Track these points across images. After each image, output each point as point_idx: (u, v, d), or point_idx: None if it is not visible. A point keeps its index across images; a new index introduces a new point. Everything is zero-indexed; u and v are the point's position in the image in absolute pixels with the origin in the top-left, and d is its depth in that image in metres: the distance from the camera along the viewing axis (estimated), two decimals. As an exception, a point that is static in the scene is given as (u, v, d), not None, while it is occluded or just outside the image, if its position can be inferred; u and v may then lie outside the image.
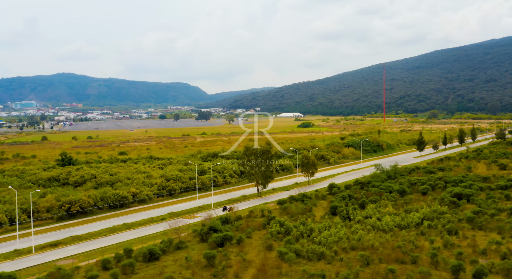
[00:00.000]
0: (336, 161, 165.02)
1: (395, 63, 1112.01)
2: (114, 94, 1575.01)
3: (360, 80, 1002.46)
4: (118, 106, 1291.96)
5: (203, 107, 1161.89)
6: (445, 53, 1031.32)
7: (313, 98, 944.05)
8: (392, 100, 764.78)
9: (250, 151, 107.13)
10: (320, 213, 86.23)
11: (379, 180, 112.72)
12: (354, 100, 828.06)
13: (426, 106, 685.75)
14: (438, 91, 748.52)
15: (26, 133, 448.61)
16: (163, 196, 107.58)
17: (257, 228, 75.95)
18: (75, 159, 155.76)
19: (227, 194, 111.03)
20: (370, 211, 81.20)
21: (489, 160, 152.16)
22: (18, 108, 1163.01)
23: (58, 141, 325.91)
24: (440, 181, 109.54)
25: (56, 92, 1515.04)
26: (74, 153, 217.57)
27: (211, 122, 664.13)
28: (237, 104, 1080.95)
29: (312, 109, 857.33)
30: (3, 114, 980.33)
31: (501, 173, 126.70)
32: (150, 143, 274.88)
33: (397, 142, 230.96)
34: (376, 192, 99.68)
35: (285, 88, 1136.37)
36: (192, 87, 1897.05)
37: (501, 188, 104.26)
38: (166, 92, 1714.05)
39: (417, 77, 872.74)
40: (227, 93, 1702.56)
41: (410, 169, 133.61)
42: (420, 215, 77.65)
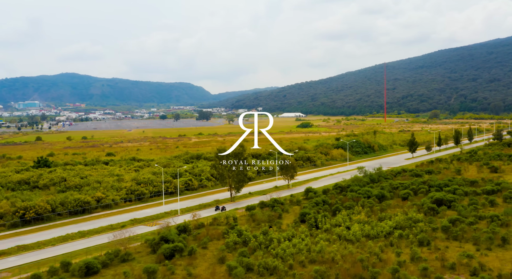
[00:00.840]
0: (323, 163, 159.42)
1: (398, 62, 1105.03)
2: (117, 94, 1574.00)
3: (363, 80, 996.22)
4: (121, 106, 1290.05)
5: (205, 107, 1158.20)
6: (449, 53, 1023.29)
7: (315, 98, 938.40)
8: (395, 100, 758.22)
9: (222, 153, 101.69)
10: (290, 220, 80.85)
11: (360, 184, 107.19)
12: (356, 100, 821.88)
13: (429, 106, 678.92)
14: (441, 91, 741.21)
15: (23, 133, 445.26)
16: (131, 201, 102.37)
17: (217, 238, 70.67)
18: (51, 161, 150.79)
19: (199, 199, 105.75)
20: (340, 219, 75.79)
21: (481, 162, 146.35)
22: (21, 108, 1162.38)
23: (52, 141, 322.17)
24: (423, 185, 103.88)
25: (60, 92, 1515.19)
26: (62, 154, 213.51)
27: (212, 122, 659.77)
28: (239, 104, 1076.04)
29: (314, 109, 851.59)
30: (6, 114, 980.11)
31: (491, 176, 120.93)
32: (143, 144, 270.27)
33: (392, 143, 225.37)
34: (353, 197, 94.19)
35: (288, 88, 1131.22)
36: (196, 87, 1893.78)
37: (487, 193, 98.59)
38: (169, 92, 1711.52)
39: (420, 77, 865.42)
40: (230, 93, 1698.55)
41: (396, 172, 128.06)
42: (393, 223, 72.16)
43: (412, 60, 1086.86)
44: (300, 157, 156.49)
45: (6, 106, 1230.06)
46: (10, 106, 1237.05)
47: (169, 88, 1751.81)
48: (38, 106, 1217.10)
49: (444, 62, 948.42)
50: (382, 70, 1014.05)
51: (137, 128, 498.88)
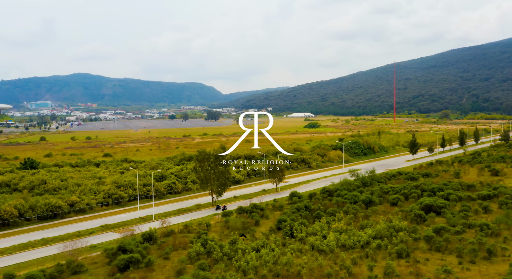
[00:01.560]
0: (319, 165, 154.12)
1: (410, 62, 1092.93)
2: (128, 94, 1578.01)
3: (374, 79, 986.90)
4: (132, 106, 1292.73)
5: (216, 107, 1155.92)
6: (461, 52, 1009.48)
7: (325, 98, 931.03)
8: (405, 100, 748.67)
9: (203, 156, 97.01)
10: (267, 227, 75.95)
11: (350, 188, 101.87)
12: (366, 100, 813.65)
13: (440, 106, 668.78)
14: (453, 91, 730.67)
15: (29, 133, 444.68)
16: (107, 205, 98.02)
17: (183, 247, 66.03)
18: (38, 162, 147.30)
19: (180, 203, 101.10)
20: (318, 227, 70.74)
21: (483, 164, 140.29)
22: (33, 108, 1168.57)
23: (55, 141, 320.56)
24: (415, 190, 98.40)
25: (72, 92, 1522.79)
26: (60, 154, 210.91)
27: (220, 122, 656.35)
28: (249, 104, 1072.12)
29: (323, 109, 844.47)
30: (17, 114, 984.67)
31: (491, 180, 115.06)
32: (145, 144, 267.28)
33: (395, 144, 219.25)
34: (339, 202, 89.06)
35: (298, 88, 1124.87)
36: (207, 87, 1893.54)
37: (483, 198, 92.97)
38: (180, 92, 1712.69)
39: (432, 77, 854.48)
40: (241, 93, 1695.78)
41: (391, 175, 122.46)
42: (372, 232, 67.00)
43: (424, 60, 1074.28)
44: (295, 158, 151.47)
45: (18, 106, 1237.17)
46: (23, 106, 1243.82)
47: (181, 88, 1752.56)
48: (50, 106, 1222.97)
49: (456, 61, 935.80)
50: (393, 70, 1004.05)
51: (144, 128, 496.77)
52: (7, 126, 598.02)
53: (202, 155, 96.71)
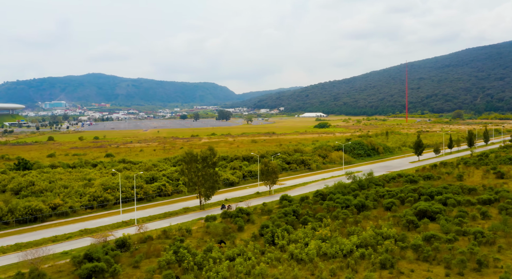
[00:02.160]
0: (319, 167, 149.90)
1: (424, 61, 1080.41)
2: (142, 94, 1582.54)
3: (387, 79, 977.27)
4: (145, 106, 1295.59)
5: (229, 107, 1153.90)
6: (476, 51, 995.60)
7: (337, 97, 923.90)
8: (418, 99, 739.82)
9: (190, 157, 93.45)
10: (251, 233, 72.17)
11: (344, 192, 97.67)
12: (379, 100, 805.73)
13: (453, 105, 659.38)
14: (467, 91, 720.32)
15: (39, 133, 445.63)
16: (92, 208, 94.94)
17: (156, 254, 62.61)
18: (33, 163, 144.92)
19: (167, 206, 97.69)
20: (301, 234, 66.86)
21: (489, 166, 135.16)
22: (47, 108, 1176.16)
23: (62, 141, 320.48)
24: (413, 193, 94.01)
25: (86, 92, 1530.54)
26: (64, 154, 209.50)
27: (231, 122, 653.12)
28: (261, 104, 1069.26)
29: (336, 109, 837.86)
30: (31, 114, 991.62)
31: (495, 183, 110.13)
32: (151, 144, 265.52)
33: (402, 144, 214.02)
34: (329, 207, 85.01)
35: (310, 87, 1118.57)
36: (220, 87, 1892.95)
37: (484, 202, 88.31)
38: (193, 92, 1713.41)
39: (446, 76, 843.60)
40: (254, 92, 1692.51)
41: (390, 178, 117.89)
42: (357, 240, 62.98)
43: (439, 59, 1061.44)
44: (294, 160, 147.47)
45: (33, 106, 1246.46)
46: (37, 106, 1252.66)
47: (194, 88, 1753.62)
48: (64, 106, 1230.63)
49: (471, 61, 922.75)
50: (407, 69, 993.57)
51: (154, 128, 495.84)
52: (19, 126, 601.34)
53: (189, 156, 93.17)
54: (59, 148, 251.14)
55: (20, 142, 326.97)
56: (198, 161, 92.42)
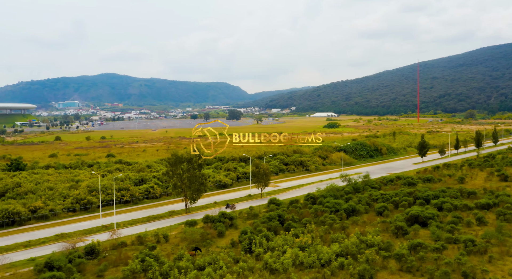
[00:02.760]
0: (318, 168, 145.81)
1: (438, 61, 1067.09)
2: (154, 94, 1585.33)
3: (400, 78, 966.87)
4: (158, 106, 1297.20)
5: (240, 106, 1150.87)
6: (491, 50, 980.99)
7: (349, 97, 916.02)
8: (431, 99, 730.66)
9: (175, 159, 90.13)
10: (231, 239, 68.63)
11: (337, 195, 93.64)
12: (391, 100, 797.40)
13: (467, 105, 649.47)
14: (481, 90, 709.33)
15: (48, 133, 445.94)
16: (74, 211, 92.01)
17: (125, 262, 59.26)
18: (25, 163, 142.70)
19: (153, 209, 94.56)
20: (280, 241, 63.11)
21: (494, 168, 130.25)
22: (61, 108, 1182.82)
23: (69, 141, 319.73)
24: (408, 197, 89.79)
25: (99, 92, 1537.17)
26: (66, 154, 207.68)
27: (241, 122, 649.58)
28: (273, 104, 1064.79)
29: (347, 108, 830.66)
30: (45, 114, 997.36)
31: (497, 186, 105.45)
32: (156, 144, 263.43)
33: (408, 145, 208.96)
34: (318, 211, 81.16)
35: (322, 87, 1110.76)
36: (232, 87, 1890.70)
37: (482, 207, 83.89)
38: (206, 91, 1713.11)
39: (460, 75, 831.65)
40: (267, 92, 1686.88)
41: (388, 180, 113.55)
42: (339, 248, 59.09)
43: (452, 58, 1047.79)
44: (292, 161, 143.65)
45: (47, 106, 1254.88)
46: (51, 106, 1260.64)
47: (206, 87, 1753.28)
48: (77, 106, 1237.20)
49: (485, 60, 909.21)
50: (420, 69, 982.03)
51: (164, 128, 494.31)
52: (30, 125, 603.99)
53: (173, 158, 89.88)
54: (63, 148, 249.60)
55: (27, 141, 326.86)
56: (183, 163, 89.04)
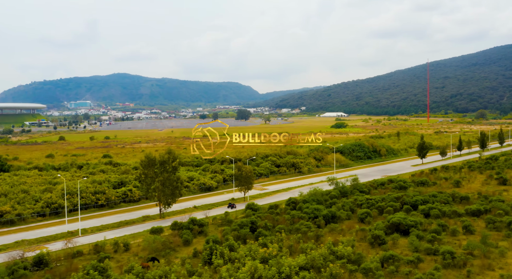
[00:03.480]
0: (311, 170, 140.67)
1: (451, 60, 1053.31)
2: (165, 93, 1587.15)
3: (411, 78, 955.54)
4: (169, 106, 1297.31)
5: (251, 106, 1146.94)
6: (505, 50, 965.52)
7: (360, 97, 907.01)
8: (442, 99, 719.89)
9: (148, 161, 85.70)
10: (198, 248, 64.01)
11: (320, 200, 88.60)
12: (402, 99, 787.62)
13: (479, 105, 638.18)
14: (493, 90, 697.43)
15: (55, 133, 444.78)
16: (44, 216, 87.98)
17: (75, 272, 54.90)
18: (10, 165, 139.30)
19: (127, 214, 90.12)
20: (243, 252, 58.26)
21: (494, 171, 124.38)
22: (72, 108, 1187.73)
23: (72, 141, 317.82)
24: (395, 203, 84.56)
25: (110, 91, 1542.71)
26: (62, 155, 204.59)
27: (250, 122, 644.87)
28: (283, 104, 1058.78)
29: (357, 108, 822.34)
30: (56, 114, 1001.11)
31: (494, 190, 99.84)
32: (158, 144, 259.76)
33: (411, 146, 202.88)
34: (295, 217, 76.27)
35: (333, 87, 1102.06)
36: (243, 87, 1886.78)
37: (473, 213, 78.47)
38: (217, 91, 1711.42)
39: (472, 75, 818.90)
40: (278, 92, 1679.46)
41: (379, 183, 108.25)
42: (303, 261, 54.16)
43: (465, 58, 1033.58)
44: (284, 163, 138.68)
45: (59, 106, 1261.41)
46: (63, 106, 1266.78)
47: (217, 87, 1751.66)
48: (88, 106, 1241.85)
49: (499, 59, 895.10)
50: (432, 68, 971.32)
51: (172, 128, 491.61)
52: (39, 125, 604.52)
53: (146, 160, 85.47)
54: (64, 148, 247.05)
55: (30, 141, 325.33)
56: (156, 165, 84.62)
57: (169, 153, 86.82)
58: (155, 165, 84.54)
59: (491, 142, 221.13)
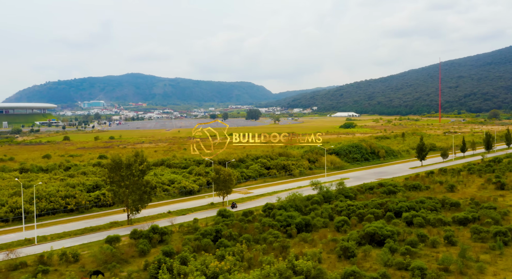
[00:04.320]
0: (303, 173, 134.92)
1: (465, 59, 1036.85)
2: (178, 93, 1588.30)
3: (425, 77, 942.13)
4: (181, 106, 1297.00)
5: (263, 106, 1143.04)
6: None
7: (372, 96, 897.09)
8: (456, 98, 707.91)
9: (115, 164, 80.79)
10: (144, 262, 59.05)
11: (300, 206, 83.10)
12: (414, 99, 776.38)
13: (493, 105, 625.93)
14: (508, 89, 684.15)
15: (62, 133, 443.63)
16: (7, 221, 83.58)
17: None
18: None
19: (95, 220, 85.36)
20: (193, 266, 53.00)
21: (494, 174, 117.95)
22: (86, 108, 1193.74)
23: (77, 141, 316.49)
24: (377, 210, 78.82)
25: (124, 91, 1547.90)
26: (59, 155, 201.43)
27: (259, 122, 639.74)
28: (295, 104, 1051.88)
29: (369, 108, 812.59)
30: (69, 113, 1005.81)
31: (489, 196, 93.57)
32: (160, 145, 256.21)
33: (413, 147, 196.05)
34: (265, 225, 70.98)
35: (346, 86, 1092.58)
36: (256, 87, 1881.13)
37: (460, 222, 72.58)
38: (230, 91, 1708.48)
39: (487, 74, 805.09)
40: (291, 92, 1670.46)
41: (367, 188, 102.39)
42: (256, 276, 48.92)
43: (480, 57, 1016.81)
44: (275, 165, 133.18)
45: (73, 106, 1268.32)
46: (76, 106, 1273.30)
47: (230, 87, 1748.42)
48: (102, 106, 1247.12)
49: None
50: (446, 67, 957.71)
51: (180, 128, 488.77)
52: (48, 125, 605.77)
53: (113, 163, 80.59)
54: (65, 148, 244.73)
55: (33, 141, 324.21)
56: (122, 169, 79.74)
57: (136, 156, 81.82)
58: (121, 169, 79.61)
59: (498, 143, 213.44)
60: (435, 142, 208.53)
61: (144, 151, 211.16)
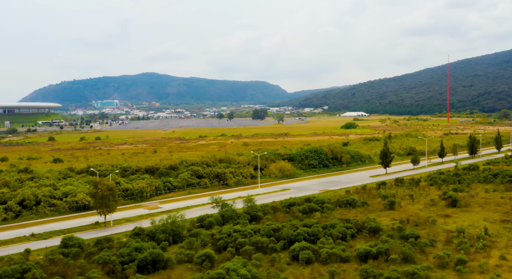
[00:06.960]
0: (241, 182, 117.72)
1: (483, 58, 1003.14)
2: (192, 93, 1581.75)
3: (440, 76, 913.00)
4: (194, 105, 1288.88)
5: (276, 105, 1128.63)
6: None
7: (384, 96, 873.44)
8: (469, 98, 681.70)
9: None
10: None
11: (179, 231, 66.81)
12: (426, 98, 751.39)
13: (507, 104, 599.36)
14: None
15: (56, 133, 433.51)
16: None
17: None
18: None
19: (48, 225, 71.60)
20: None
21: (454, 186, 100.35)
22: (98, 107, 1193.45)
23: (61, 141, 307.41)
24: (262, 239, 62.10)
25: (138, 91, 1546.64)
26: (17, 158, 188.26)
27: (265, 121, 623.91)
28: (306, 103, 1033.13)
29: (380, 108, 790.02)
30: (80, 113, 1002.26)
31: (433, 215, 76.06)
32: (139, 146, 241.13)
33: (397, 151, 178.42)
34: (107, 260, 54.81)
35: (358, 86, 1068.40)
36: (271, 86, 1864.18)
37: (360, 257, 55.66)
38: (244, 90, 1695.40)
39: (503, 73, 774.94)
40: (306, 91, 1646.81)
41: (289, 203, 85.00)
42: None
43: (498, 55, 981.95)
44: (207, 173, 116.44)
45: (86, 105, 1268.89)
46: (90, 105, 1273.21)
47: (244, 86, 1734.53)
48: (115, 105, 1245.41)
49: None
50: (462, 66, 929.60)
51: (181, 128, 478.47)
52: (50, 124, 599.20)
53: None
54: (39, 150, 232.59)
55: (14, 142, 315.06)
56: None
57: None
58: None
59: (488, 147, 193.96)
60: (414, 146, 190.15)
61: (110, 154, 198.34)
